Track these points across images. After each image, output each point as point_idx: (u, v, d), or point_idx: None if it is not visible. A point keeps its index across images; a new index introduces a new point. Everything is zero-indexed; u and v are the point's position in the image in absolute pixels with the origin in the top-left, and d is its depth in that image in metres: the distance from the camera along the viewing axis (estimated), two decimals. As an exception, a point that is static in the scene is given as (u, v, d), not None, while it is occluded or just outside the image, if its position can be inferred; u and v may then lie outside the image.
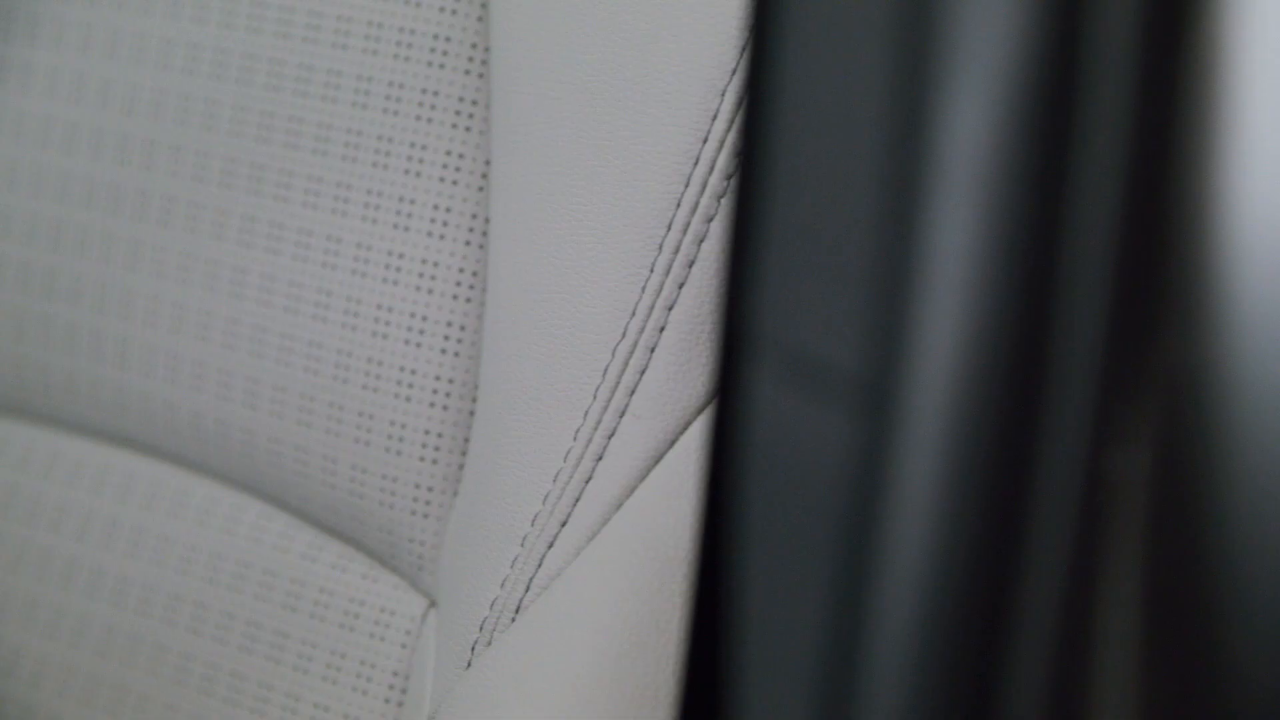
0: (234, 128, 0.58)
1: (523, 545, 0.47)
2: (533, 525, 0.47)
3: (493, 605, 0.48)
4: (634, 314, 0.47)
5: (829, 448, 0.28)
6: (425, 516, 0.55)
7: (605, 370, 0.47)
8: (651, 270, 0.47)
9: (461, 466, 0.54)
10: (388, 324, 0.55)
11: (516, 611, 0.47)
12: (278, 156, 0.57)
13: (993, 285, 0.26)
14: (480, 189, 0.54)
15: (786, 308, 0.29)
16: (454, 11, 0.54)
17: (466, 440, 0.54)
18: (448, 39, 0.54)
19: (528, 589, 0.47)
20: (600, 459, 0.47)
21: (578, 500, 0.47)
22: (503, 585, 0.48)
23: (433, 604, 0.55)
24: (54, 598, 0.61)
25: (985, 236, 0.26)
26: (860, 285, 0.27)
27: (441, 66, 0.54)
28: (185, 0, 0.59)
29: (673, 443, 0.46)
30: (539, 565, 0.47)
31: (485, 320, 0.54)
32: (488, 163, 0.54)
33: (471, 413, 0.54)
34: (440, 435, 0.54)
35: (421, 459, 0.54)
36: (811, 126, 0.28)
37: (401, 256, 0.55)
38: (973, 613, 0.26)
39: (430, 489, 0.54)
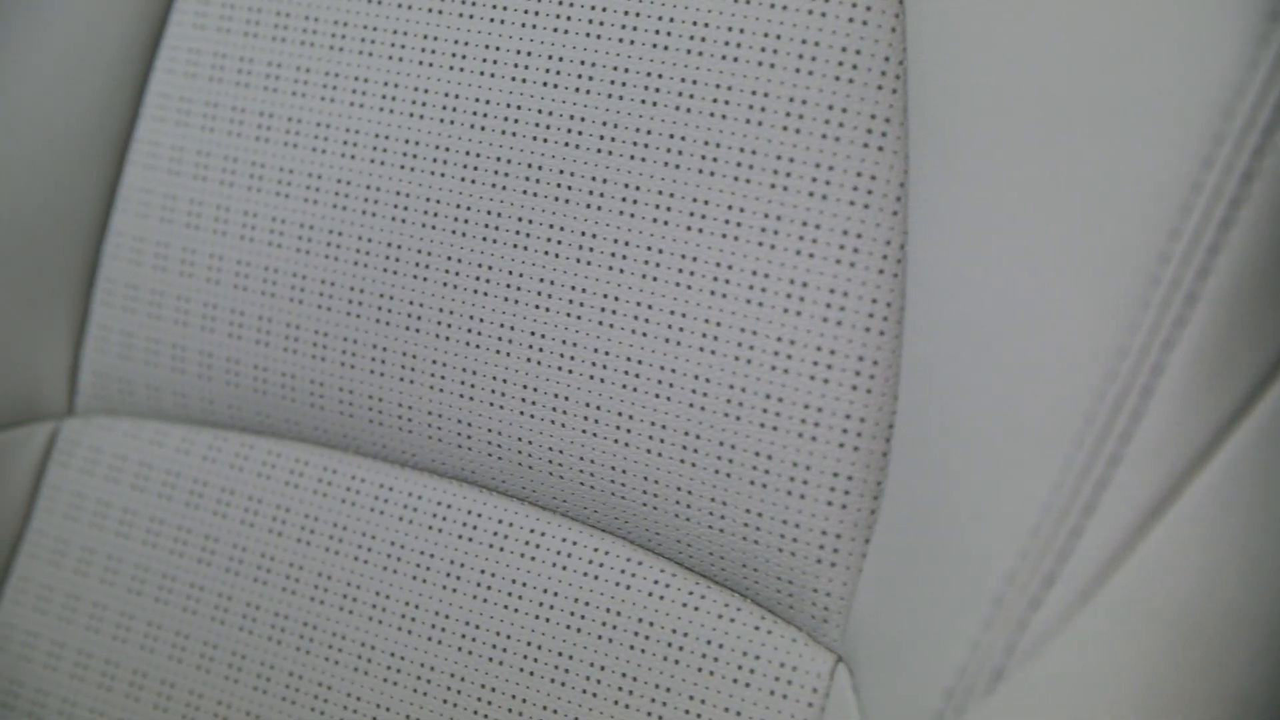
0: (604, 145, 0.54)
1: (997, 606, 0.43)
2: (1009, 584, 0.43)
3: (963, 672, 0.44)
4: (1126, 355, 0.43)
5: None
6: (833, 566, 0.51)
7: (1092, 415, 0.43)
8: (1147, 307, 0.43)
9: (874, 511, 0.50)
10: (789, 357, 0.51)
11: (996, 679, 0.43)
12: (655, 176, 0.53)
13: None
14: (895, 213, 0.50)
15: None
16: (864, 22, 0.51)
17: (879, 484, 0.50)
18: (857, 51, 0.51)
19: (1010, 654, 0.43)
20: (1091, 512, 0.43)
21: (1066, 557, 0.43)
22: (974, 649, 0.44)
23: (840, 660, 0.51)
24: (390, 641, 0.58)
25: None
26: None
27: (850, 81, 0.51)
28: (545, 10, 0.55)
29: (1173, 494, 0.42)
30: (1023, 629, 0.43)
31: (903, 355, 0.50)
32: (902, 185, 0.50)
33: (885, 454, 0.50)
34: (850, 478, 0.50)
35: (829, 503, 0.51)
36: None
37: (805, 285, 0.51)
38: None
39: (839, 535, 0.51)
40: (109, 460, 0.63)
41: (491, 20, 0.56)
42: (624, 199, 0.54)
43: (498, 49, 0.56)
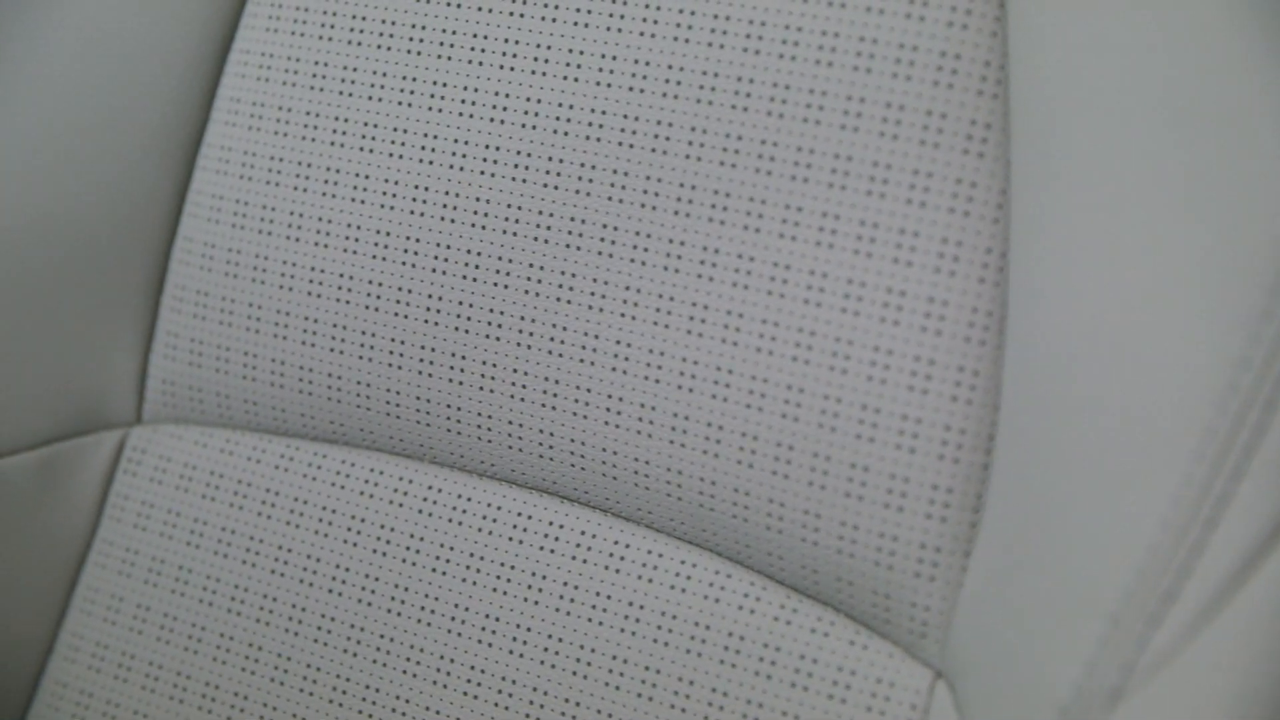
0: (692, 150, 0.53)
1: (1115, 624, 0.42)
2: (1127, 602, 0.42)
3: (1079, 690, 0.43)
4: (1249, 367, 0.42)
5: None
6: (932, 580, 0.50)
7: (1213, 429, 0.42)
8: (1270, 318, 0.42)
9: (974, 525, 0.50)
10: (886, 368, 0.50)
11: (1115, 698, 0.42)
12: (746, 182, 0.52)
13: None
14: (995, 221, 0.49)
15: None
16: (964, 26, 0.50)
17: (979, 496, 0.49)
18: (957, 56, 0.50)
19: (1129, 673, 0.42)
20: (1214, 528, 0.42)
21: (1188, 575, 0.42)
22: (1090, 668, 0.43)
23: (938, 675, 0.50)
24: (469, 654, 0.57)
25: None
26: None
27: (950, 86, 0.50)
28: (630, 14, 0.54)
29: (1298, 511, 0.41)
30: (1143, 647, 0.42)
31: (1004, 365, 0.49)
32: (1003, 192, 0.49)
33: (985, 466, 0.49)
34: (950, 490, 0.49)
35: (928, 516, 0.50)
36: None
37: (903, 294, 0.50)
38: None
39: (938, 549, 0.50)
40: (178, 469, 0.63)
41: (575, 24, 0.55)
42: (713, 205, 0.53)
43: (581, 53, 0.55)
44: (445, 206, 0.57)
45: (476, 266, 0.57)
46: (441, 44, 0.57)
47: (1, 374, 0.62)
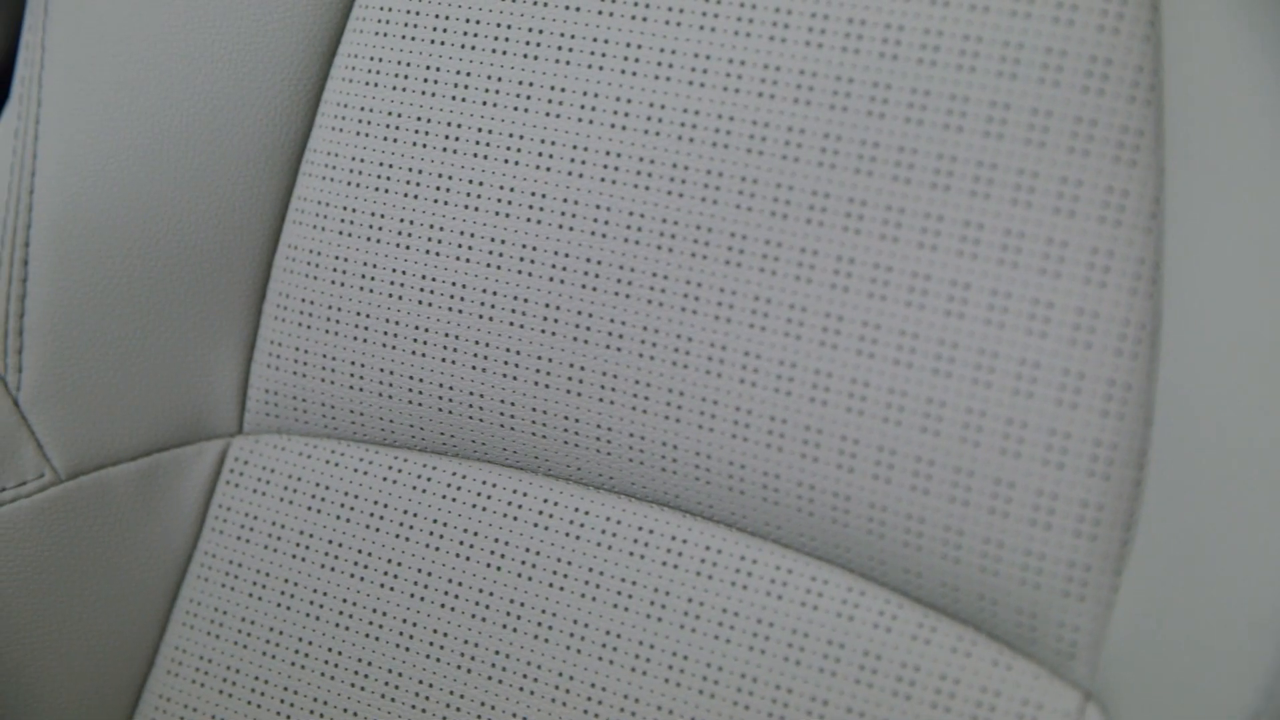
0: (825, 158, 0.52)
1: (1294, 648, 0.41)
2: (1306, 625, 0.41)
3: (1255, 717, 0.42)
4: None
5: None
6: (1081, 600, 0.48)
7: (1396, 447, 0.41)
8: None
9: (1125, 543, 0.48)
10: (1033, 381, 0.49)
11: (1297, 725, 0.41)
12: (883, 191, 0.51)
13: None
14: (1148, 231, 0.48)
15: None
16: (1115, 30, 0.48)
17: (1131, 514, 0.48)
18: (1108, 61, 0.48)
19: (1312, 700, 0.41)
20: (1399, 551, 0.40)
21: (1373, 598, 0.40)
22: (1268, 695, 0.41)
23: (1088, 697, 0.49)
24: (589, 671, 0.56)
25: None
26: None
27: (1100, 93, 0.48)
28: (760, 18, 0.53)
29: None
30: (1326, 673, 0.41)
31: (1158, 379, 0.47)
32: (1156, 200, 0.48)
33: (1138, 482, 0.48)
34: (1100, 508, 0.48)
35: (1077, 534, 0.48)
36: None
37: (1050, 306, 0.49)
38: None
39: (1088, 568, 0.48)
40: (282, 480, 0.62)
41: (700, 28, 0.54)
42: (848, 214, 0.52)
43: (708, 58, 0.54)
44: (563, 214, 0.56)
45: (596, 275, 0.56)
46: (559, 49, 0.56)
47: (104, 383, 0.61)
